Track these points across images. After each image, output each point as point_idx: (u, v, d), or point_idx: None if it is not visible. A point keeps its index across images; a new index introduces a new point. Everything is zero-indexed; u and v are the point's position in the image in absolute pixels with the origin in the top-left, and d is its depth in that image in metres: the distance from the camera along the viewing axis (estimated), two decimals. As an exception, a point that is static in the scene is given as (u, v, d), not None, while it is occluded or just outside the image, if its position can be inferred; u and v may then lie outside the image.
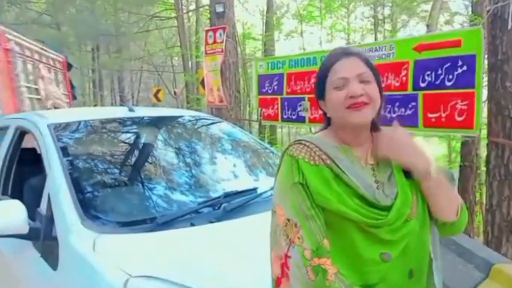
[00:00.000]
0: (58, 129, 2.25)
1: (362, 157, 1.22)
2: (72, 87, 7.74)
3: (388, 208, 1.15)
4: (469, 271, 2.79)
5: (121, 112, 2.65)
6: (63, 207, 1.76)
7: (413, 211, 1.18)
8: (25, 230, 1.76)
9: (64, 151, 2.06)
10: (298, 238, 1.11)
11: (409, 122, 3.67)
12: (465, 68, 3.30)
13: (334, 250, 1.12)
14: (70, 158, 2.06)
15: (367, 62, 1.22)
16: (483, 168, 5.78)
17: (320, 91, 1.24)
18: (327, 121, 1.29)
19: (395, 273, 1.14)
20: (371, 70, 1.21)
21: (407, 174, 1.22)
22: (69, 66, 7.61)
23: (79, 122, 2.41)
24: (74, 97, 7.92)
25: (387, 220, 1.13)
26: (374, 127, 1.26)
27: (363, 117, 1.16)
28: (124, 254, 1.53)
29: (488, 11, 4.05)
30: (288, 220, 1.14)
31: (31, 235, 1.78)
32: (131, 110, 2.59)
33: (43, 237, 1.77)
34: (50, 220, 1.78)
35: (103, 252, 1.55)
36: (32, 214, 1.86)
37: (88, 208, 1.79)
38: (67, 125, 2.35)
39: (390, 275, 1.13)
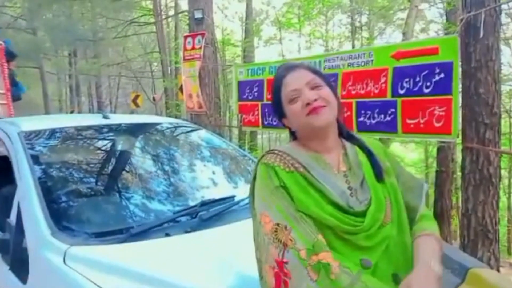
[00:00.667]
0: (29, 137, 2.18)
1: (333, 165, 1.24)
2: (14, 84, 5.99)
3: (362, 214, 1.16)
4: (445, 276, 2.79)
5: (95, 119, 2.60)
6: (33, 217, 1.70)
7: (387, 216, 1.19)
8: (-8, 242, 1.69)
9: (35, 159, 2.00)
10: (291, 240, 1.10)
11: (388, 128, 3.72)
12: (442, 75, 3.36)
13: None
14: (41, 166, 2.00)
15: (313, 70, 1.28)
16: (459, 173, 5.88)
17: (279, 111, 1.29)
18: (292, 135, 1.33)
19: (378, 279, 1.12)
20: (318, 75, 1.26)
21: (379, 177, 1.24)
22: (10, 56, 5.65)
23: (52, 130, 2.35)
24: (17, 98, 6.02)
25: (363, 226, 1.14)
26: (342, 132, 1.31)
27: (323, 119, 1.20)
28: (96, 266, 1.49)
29: (461, 20, 4.13)
30: (278, 224, 1.13)
31: (-1, 247, 1.72)
32: (105, 117, 2.53)
33: (12, 249, 1.70)
34: (19, 231, 1.71)
35: (74, 264, 1.50)
36: (2, 224, 1.79)
37: (59, 218, 1.73)
38: (39, 132, 2.29)
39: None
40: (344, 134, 1.32)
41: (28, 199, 1.77)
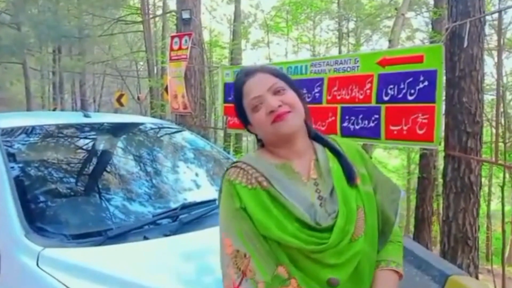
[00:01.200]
0: (6, 134, 2.12)
1: (303, 173, 1.17)
2: None
3: (330, 229, 1.08)
4: (426, 283, 2.82)
5: (76, 117, 2.54)
6: (6, 217, 1.63)
7: (358, 229, 1.11)
8: (-36, 242, 1.63)
9: (10, 157, 1.94)
10: (250, 270, 1.05)
11: (372, 134, 3.73)
12: (426, 83, 3.39)
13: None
14: (17, 165, 1.94)
15: (274, 73, 1.20)
16: (440, 180, 5.95)
17: (243, 118, 1.22)
18: (259, 142, 1.25)
19: None
20: (280, 77, 1.18)
21: (350, 181, 1.16)
22: None
23: (30, 127, 2.28)
24: None
25: (329, 244, 1.06)
26: (312, 135, 1.23)
27: (290, 126, 1.13)
28: (70, 270, 1.44)
29: (447, 29, 4.18)
30: (237, 251, 1.07)
31: (-29, 248, 1.65)
32: (86, 116, 2.48)
33: (-16, 250, 1.64)
34: (-8, 231, 1.65)
35: (47, 267, 1.44)
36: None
37: (34, 219, 1.67)
38: (16, 130, 2.22)
39: None
40: (314, 137, 1.24)
41: (2, 198, 1.71)
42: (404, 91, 3.53)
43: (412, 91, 3.48)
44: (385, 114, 3.65)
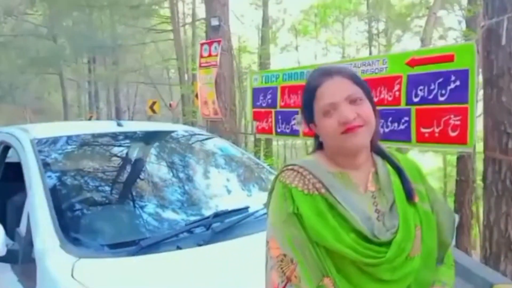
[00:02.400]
0: (41, 144, 2.16)
1: (361, 184, 1.11)
2: None
3: (387, 244, 1.03)
4: (468, 292, 2.72)
5: (109, 126, 2.57)
6: (42, 227, 1.66)
7: (416, 248, 1.07)
8: (2, 252, 1.66)
9: (46, 167, 1.98)
10: (295, 277, 1.01)
11: (402, 137, 3.62)
12: (458, 83, 3.26)
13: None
14: (52, 175, 1.98)
15: (353, 78, 1.11)
16: (479, 182, 5.73)
17: (309, 116, 1.14)
18: (318, 144, 1.17)
19: None
20: (359, 85, 1.10)
21: (410, 198, 1.11)
22: None
23: (64, 137, 2.33)
24: None
25: (386, 258, 1.01)
26: (373, 147, 1.16)
27: (360, 141, 1.06)
28: (104, 280, 1.44)
29: (482, 27, 4.03)
30: (284, 255, 1.03)
31: (8, 257, 1.69)
32: (119, 124, 2.51)
33: (21, 260, 1.68)
34: (29, 241, 1.68)
35: (81, 278, 1.45)
36: (13, 234, 1.77)
37: (69, 229, 1.70)
38: (51, 140, 2.27)
39: None
40: (375, 150, 1.17)
41: (37, 208, 1.74)
42: (434, 92, 3.40)
43: (443, 91, 3.35)
44: (415, 116, 3.52)
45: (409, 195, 1.11)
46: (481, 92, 4.33)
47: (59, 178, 2.04)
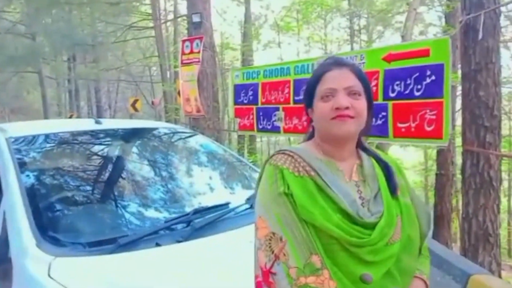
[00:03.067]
0: (18, 143, 2.13)
1: (346, 172, 1.19)
2: None
3: (371, 227, 1.10)
4: (447, 283, 2.76)
5: (87, 124, 2.54)
6: (18, 227, 1.64)
7: (396, 234, 1.13)
8: (-23, 252, 1.63)
9: (22, 166, 1.95)
10: (284, 254, 1.05)
11: (380, 132, 3.63)
12: (433, 77, 3.27)
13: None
14: (28, 174, 1.95)
15: (359, 74, 1.20)
16: (459, 176, 5.83)
17: (309, 100, 1.22)
18: (311, 131, 1.26)
19: None
20: (362, 82, 1.19)
21: (393, 192, 1.19)
22: None
23: (42, 136, 2.28)
24: None
25: (370, 239, 1.08)
26: (359, 143, 1.25)
27: (346, 130, 1.14)
28: (81, 279, 1.42)
29: (460, 22, 4.08)
30: (273, 233, 1.08)
31: (-16, 257, 1.66)
32: (98, 122, 2.48)
33: (-2, 260, 1.65)
34: (5, 241, 1.65)
35: (58, 277, 1.43)
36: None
37: (46, 228, 1.67)
38: (28, 139, 2.23)
39: None
40: (360, 147, 1.27)
41: (13, 207, 1.71)
42: (411, 86, 3.41)
43: (419, 86, 3.36)
44: (392, 111, 3.54)
45: (393, 188, 1.20)
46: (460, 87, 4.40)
47: (36, 177, 2.01)
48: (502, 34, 7.59)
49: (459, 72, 5.52)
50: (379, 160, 1.25)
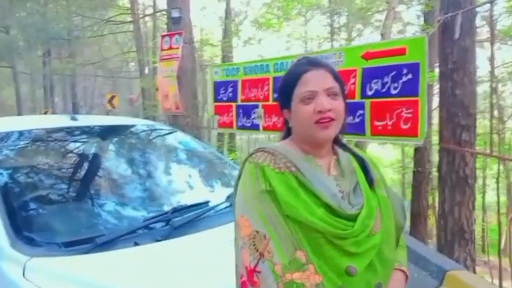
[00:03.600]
0: (-11, 140, 2.06)
1: (324, 167, 1.20)
2: None
3: (353, 218, 1.12)
4: (424, 279, 2.81)
5: (63, 121, 2.47)
6: (-9, 227, 1.58)
7: (376, 225, 1.16)
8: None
9: (-5, 164, 1.88)
10: (268, 252, 1.06)
11: (357, 130, 3.64)
12: (410, 76, 3.30)
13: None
14: (1, 172, 1.88)
15: (335, 76, 1.21)
16: (435, 173, 5.93)
17: (285, 101, 1.21)
18: (287, 131, 1.26)
19: (361, 287, 1.10)
20: (338, 82, 1.20)
21: (371, 184, 1.22)
22: None
23: (15, 133, 2.21)
24: None
25: (353, 230, 1.10)
26: (335, 139, 1.26)
27: (329, 134, 1.16)
28: (57, 280, 1.39)
29: (438, 21, 4.15)
30: (257, 232, 1.08)
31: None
32: (73, 119, 2.41)
33: (-30, 261, 1.58)
34: (-22, 241, 1.59)
35: (33, 278, 1.40)
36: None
37: (21, 228, 1.62)
38: (0, 135, 2.15)
39: None
40: (338, 143, 1.28)
41: (-14, 207, 1.65)
42: (388, 85, 3.44)
43: (396, 85, 3.39)
44: (369, 110, 3.56)
45: (370, 181, 1.22)
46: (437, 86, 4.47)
47: (9, 176, 1.95)
48: (478, 34, 7.76)
49: (436, 70, 5.61)
50: (354, 155, 1.28)
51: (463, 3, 3.91)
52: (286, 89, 1.21)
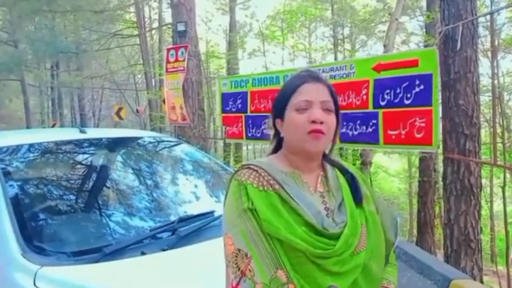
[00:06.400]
0: (1, 152, 2.11)
1: (311, 184, 1.20)
2: None
3: (336, 237, 1.11)
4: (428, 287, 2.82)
5: (72, 134, 2.53)
6: (3, 237, 1.63)
7: (361, 244, 1.14)
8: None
9: (6, 176, 1.93)
10: (250, 270, 1.05)
11: (370, 139, 3.71)
12: (422, 87, 3.37)
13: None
14: (13, 184, 1.94)
15: (332, 93, 1.22)
16: (441, 183, 5.93)
17: (279, 110, 1.22)
18: (277, 143, 1.27)
19: None
20: (334, 101, 1.21)
21: (357, 201, 1.21)
22: None
23: (26, 146, 2.27)
24: None
25: (334, 250, 1.08)
26: (324, 155, 1.26)
27: (319, 147, 1.17)
28: (67, 288, 1.43)
29: (440, 33, 4.19)
30: (239, 250, 1.08)
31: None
32: (82, 131, 2.47)
33: (-18, 270, 1.63)
34: (-10, 251, 1.64)
35: (44, 286, 1.44)
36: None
37: (31, 238, 1.67)
38: (11, 148, 2.21)
39: None
40: (327, 158, 1.28)
41: (-2, 217, 1.70)
42: (400, 95, 3.51)
43: (409, 95, 3.47)
44: (382, 119, 3.63)
45: (357, 198, 1.21)
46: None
47: (20, 187, 2.00)
48: (481, 43, 7.78)
49: (438, 80, 5.63)
50: (343, 171, 1.27)
51: (464, 14, 3.96)
52: (282, 98, 1.22)
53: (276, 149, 1.27)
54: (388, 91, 3.59)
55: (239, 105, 5.08)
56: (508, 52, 10.84)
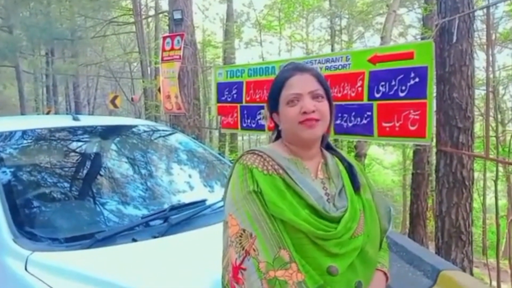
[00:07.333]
0: (-7, 138, 2.11)
1: (312, 171, 1.25)
2: None
3: (337, 220, 1.17)
4: (418, 278, 2.84)
5: (65, 121, 2.52)
6: (-5, 222, 1.63)
7: (359, 228, 1.20)
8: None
9: (-1, 162, 1.94)
10: (254, 250, 1.10)
11: (365, 131, 3.72)
12: (417, 79, 3.38)
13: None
14: (5, 170, 1.94)
15: (319, 79, 1.26)
16: (434, 175, 5.97)
17: (273, 104, 1.28)
18: (277, 133, 1.33)
19: (341, 286, 1.15)
20: (323, 86, 1.25)
21: (356, 189, 1.27)
22: None
23: (18, 132, 2.26)
24: None
25: (335, 232, 1.14)
26: (323, 142, 1.32)
27: (314, 134, 1.22)
28: (58, 273, 1.44)
29: (436, 25, 4.19)
30: (244, 230, 1.13)
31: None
32: (75, 119, 2.46)
33: (-27, 255, 1.64)
34: (-19, 237, 1.65)
35: (36, 271, 1.45)
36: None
37: (23, 223, 1.68)
38: (4, 134, 2.21)
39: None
40: (325, 146, 1.34)
41: (-10, 203, 1.70)
42: (395, 88, 3.52)
43: (403, 87, 3.48)
44: (377, 111, 3.64)
45: (356, 186, 1.27)
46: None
47: (13, 173, 2.00)
48: (478, 37, 7.79)
49: (434, 73, 5.65)
50: (342, 159, 1.33)
51: (460, 7, 3.96)
52: (273, 93, 1.28)
53: (277, 138, 1.33)
54: (383, 83, 3.59)
55: (235, 95, 5.06)
56: (505, 46, 10.86)
